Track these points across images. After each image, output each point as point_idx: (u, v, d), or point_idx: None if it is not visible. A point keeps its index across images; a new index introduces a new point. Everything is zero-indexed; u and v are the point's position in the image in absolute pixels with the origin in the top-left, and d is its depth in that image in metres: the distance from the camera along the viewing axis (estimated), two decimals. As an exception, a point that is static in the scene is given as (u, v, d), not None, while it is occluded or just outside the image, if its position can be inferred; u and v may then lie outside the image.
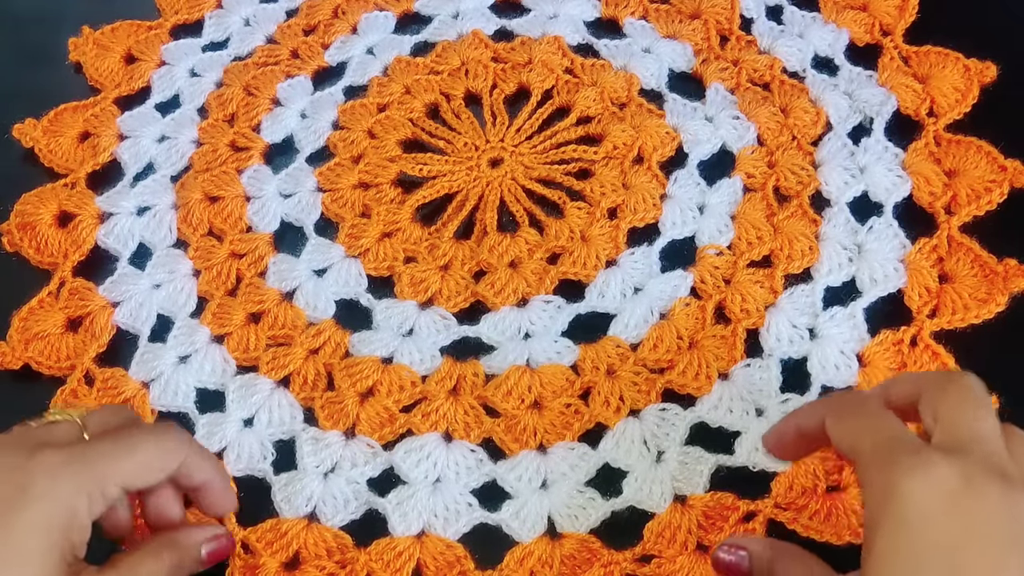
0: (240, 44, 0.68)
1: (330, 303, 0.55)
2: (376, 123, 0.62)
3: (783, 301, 0.52)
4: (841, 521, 0.44)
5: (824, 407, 0.39)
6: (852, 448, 0.36)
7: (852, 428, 0.37)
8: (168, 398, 0.51)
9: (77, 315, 0.55)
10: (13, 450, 0.38)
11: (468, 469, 0.49)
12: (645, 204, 0.57)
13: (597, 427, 0.49)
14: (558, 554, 0.46)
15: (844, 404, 0.39)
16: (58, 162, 0.62)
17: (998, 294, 0.51)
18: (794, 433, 0.41)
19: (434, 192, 0.59)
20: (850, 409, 0.38)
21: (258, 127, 0.63)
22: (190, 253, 0.57)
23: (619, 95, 0.62)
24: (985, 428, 0.35)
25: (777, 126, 0.59)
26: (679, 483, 0.47)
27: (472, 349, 0.53)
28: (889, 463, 0.34)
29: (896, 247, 0.53)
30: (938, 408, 0.36)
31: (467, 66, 0.65)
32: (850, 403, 0.39)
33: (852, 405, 0.39)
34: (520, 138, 0.61)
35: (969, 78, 0.59)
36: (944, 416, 0.36)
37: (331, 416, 0.50)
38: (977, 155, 0.56)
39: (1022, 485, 0.34)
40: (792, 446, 0.41)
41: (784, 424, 0.41)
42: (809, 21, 0.65)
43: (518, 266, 0.55)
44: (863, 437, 0.36)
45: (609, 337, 0.52)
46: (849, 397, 0.40)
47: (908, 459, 0.34)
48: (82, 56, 0.67)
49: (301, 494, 0.48)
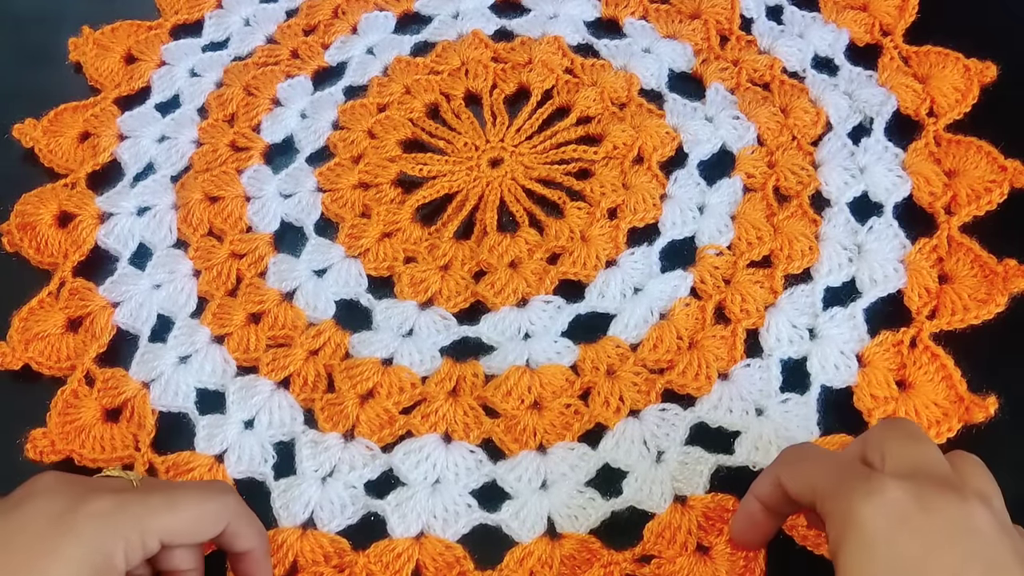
0: (240, 44, 0.68)
1: (330, 303, 0.55)
2: (376, 123, 0.62)
3: (783, 301, 0.52)
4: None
5: (774, 467, 0.41)
6: (810, 489, 0.38)
7: (805, 471, 0.39)
8: (168, 398, 0.51)
9: (77, 315, 0.55)
10: (68, 492, 0.39)
11: (468, 470, 0.49)
12: (645, 204, 0.57)
13: (597, 427, 0.49)
14: (558, 554, 0.46)
15: (792, 455, 0.41)
16: (58, 162, 0.62)
17: (998, 294, 0.51)
18: (759, 508, 0.41)
19: (434, 192, 0.59)
20: (799, 456, 0.40)
21: (258, 127, 0.63)
22: (190, 253, 0.57)
23: (619, 95, 0.62)
24: (931, 453, 0.37)
25: (777, 126, 0.59)
26: (679, 483, 0.47)
27: (472, 349, 0.53)
28: (845, 492, 0.36)
29: (896, 247, 0.53)
30: (884, 445, 0.38)
31: (467, 66, 0.65)
32: (797, 452, 0.41)
33: (800, 453, 0.41)
34: (520, 138, 0.61)
35: (969, 78, 0.59)
36: (891, 450, 0.37)
37: (331, 418, 0.50)
38: (977, 155, 0.56)
39: (974, 497, 0.35)
40: (762, 524, 0.42)
41: (745, 505, 0.42)
42: (809, 21, 0.65)
43: (518, 266, 0.55)
44: (816, 475, 0.38)
45: (609, 337, 0.52)
46: (795, 448, 0.41)
47: (862, 486, 0.35)
48: (82, 56, 0.67)
49: (299, 500, 0.48)
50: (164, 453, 0.50)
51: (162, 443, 0.50)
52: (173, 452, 0.50)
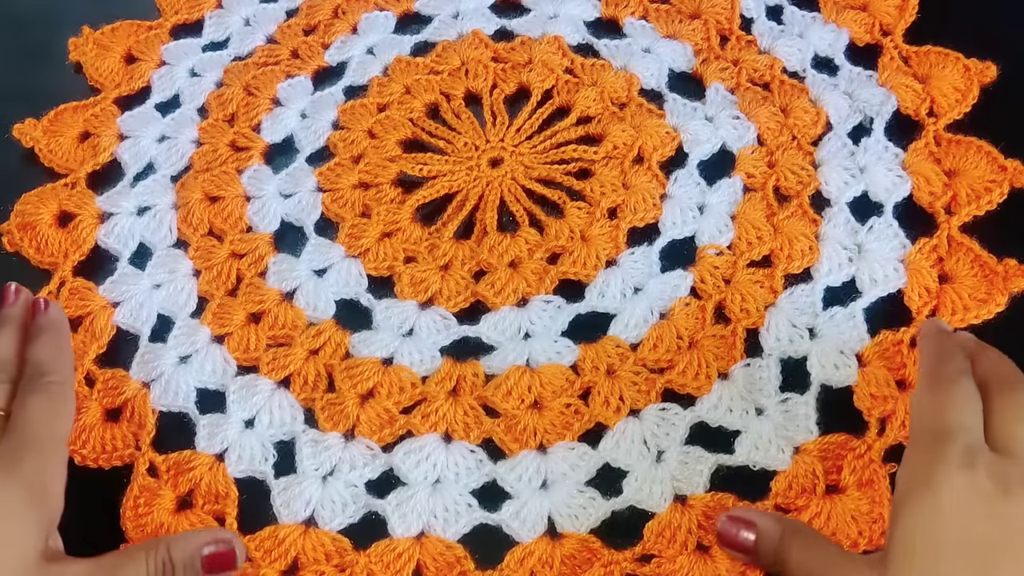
0: (240, 44, 0.68)
1: (330, 303, 0.55)
2: (376, 123, 0.62)
3: (783, 301, 0.52)
4: (840, 529, 0.44)
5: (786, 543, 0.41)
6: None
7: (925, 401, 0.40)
8: (168, 398, 0.52)
9: (77, 315, 0.55)
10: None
11: (468, 470, 0.49)
12: (645, 204, 0.57)
13: (597, 427, 0.49)
14: (558, 554, 0.46)
15: (930, 373, 0.41)
16: (58, 162, 0.61)
17: (998, 294, 0.51)
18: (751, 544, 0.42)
19: (434, 192, 0.59)
20: (939, 382, 0.39)
21: (258, 127, 0.63)
22: (190, 253, 0.57)
23: (619, 95, 0.62)
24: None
25: (777, 126, 0.59)
26: (679, 483, 0.47)
27: (472, 349, 0.53)
28: (939, 450, 0.36)
29: (896, 247, 0.53)
30: (994, 411, 0.37)
31: (467, 66, 0.65)
32: (936, 376, 0.40)
33: (940, 378, 0.40)
34: (520, 138, 0.61)
35: (969, 78, 0.59)
36: (998, 425, 0.37)
37: (331, 418, 0.50)
38: (977, 155, 0.56)
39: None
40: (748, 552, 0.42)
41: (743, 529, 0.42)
42: (809, 21, 0.65)
43: (518, 266, 0.55)
44: (928, 418, 0.38)
45: (609, 337, 0.52)
46: (934, 370, 0.41)
47: (958, 456, 0.36)
48: (82, 56, 0.67)
49: (300, 498, 0.48)
50: (165, 452, 0.50)
51: (163, 443, 0.50)
52: (174, 451, 0.50)
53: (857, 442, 0.47)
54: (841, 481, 0.46)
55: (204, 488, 0.48)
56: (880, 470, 0.45)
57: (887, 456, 0.46)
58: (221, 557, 0.43)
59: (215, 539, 0.43)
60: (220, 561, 0.42)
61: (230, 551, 0.43)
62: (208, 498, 0.48)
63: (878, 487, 0.45)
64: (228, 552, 0.43)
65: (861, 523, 0.44)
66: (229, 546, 0.43)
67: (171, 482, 0.49)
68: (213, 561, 0.42)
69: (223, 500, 0.48)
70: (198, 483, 0.49)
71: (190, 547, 0.42)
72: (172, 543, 0.42)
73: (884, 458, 0.46)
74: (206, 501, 0.48)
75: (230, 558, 0.43)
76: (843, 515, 0.45)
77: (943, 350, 0.42)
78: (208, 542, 0.42)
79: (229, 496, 0.48)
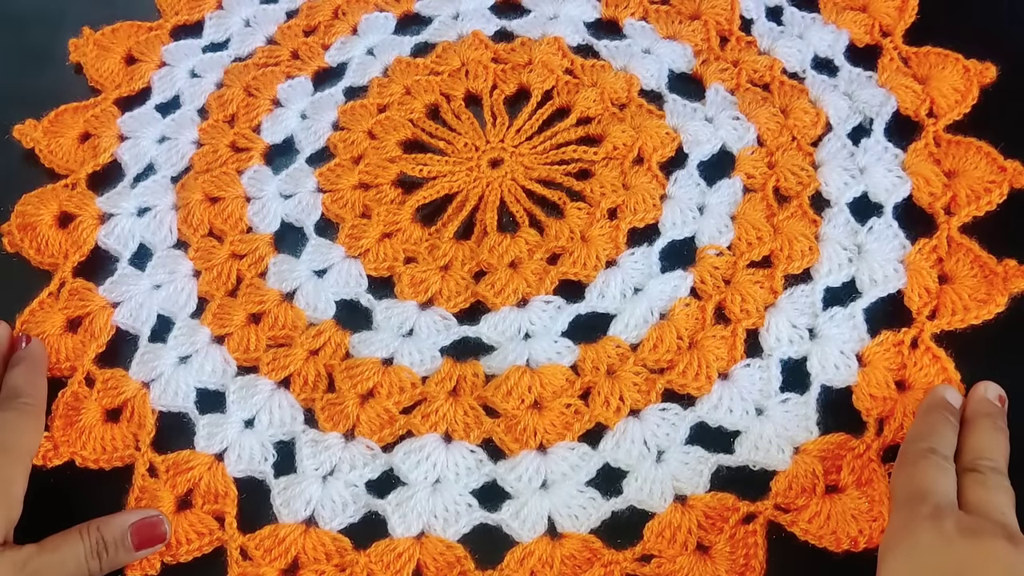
0: (240, 45, 0.68)
1: (330, 303, 0.55)
2: (376, 124, 0.62)
3: (783, 301, 0.52)
4: (840, 527, 0.44)
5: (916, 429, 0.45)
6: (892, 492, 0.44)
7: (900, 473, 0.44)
8: (168, 398, 0.52)
9: (77, 315, 0.55)
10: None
11: (468, 470, 0.49)
12: (645, 204, 0.57)
13: (597, 427, 0.49)
14: (558, 554, 0.46)
15: (906, 449, 0.45)
16: (58, 163, 0.62)
17: (998, 295, 0.51)
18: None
19: (434, 192, 0.59)
20: (911, 457, 0.44)
21: (258, 128, 0.63)
22: (190, 254, 0.57)
23: (619, 96, 0.62)
24: (1007, 510, 0.41)
25: (777, 127, 0.59)
26: (679, 483, 0.47)
27: (472, 349, 0.53)
28: (914, 509, 0.41)
29: (896, 248, 0.53)
30: (967, 485, 0.42)
31: (467, 67, 0.65)
32: (910, 451, 0.44)
33: (912, 454, 0.44)
34: (520, 139, 0.61)
35: (969, 79, 0.59)
36: (970, 495, 0.41)
37: (331, 418, 0.50)
38: (977, 156, 0.56)
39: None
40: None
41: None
42: (809, 22, 0.65)
43: (518, 266, 0.55)
44: (904, 486, 0.43)
45: (609, 337, 0.52)
46: (910, 445, 0.45)
47: (929, 511, 0.40)
48: (82, 57, 0.67)
49: (300, 498, 0.48)
50: (164, 452, 0.50)
51: (162, 442, 0.50)
52: (173, 451, 0.50)
53: (856, 442, 0.47)
54: (840, 481, 0.46)
55: (203, 488, 0.48)
56: (879, 470, 0.45)
57: (886, 456, 0.46)
58: (148, 531, 0.46)
59: (142, 516, 0.46)
60: (147, 535, 0.46)
61: (156, 522, 0.46)
62: (207, 498, 0.48)
63: (877, 486, 0.45)
64: (154, 525, 0.46)
65: (861, 522, 0.44)
66: (156, 520, 0.46)
67: (170, 482, 0.49)
68: (140, 536, 0.45)
69: (222, 499, 0.48)
70: (197, 483, 0.49)
71: (120, 525, 0.45)
72: (102, 523, 0.45)
73: (883, 458, 0.46)
74: (205, 501, 0.48)
75: (157, 532, 0.46)
76: (843, 514, 0.45)
77: (924, 425, 0.45)
78: (135, 520, 0.46)
79: (228, 495, 0.48)
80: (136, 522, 0.45)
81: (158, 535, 0.46)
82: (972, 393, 0.47)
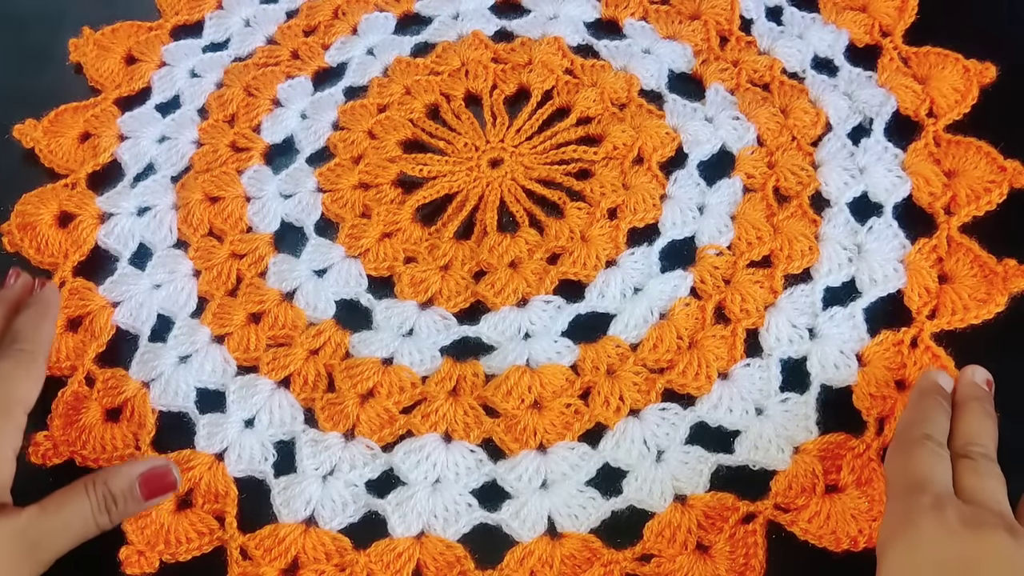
0: (240, 45, 0.68)
1: (330, 303, 0.55)
2: (376, 123, 0.62)
3: (783, 301, 0.52)
4: (840, 527, 0.44)
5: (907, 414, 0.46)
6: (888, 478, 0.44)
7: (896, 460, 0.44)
8: (168, 398, 0.52)
9: (77, 315, 0.55)
10: None
11: (468, 469, 0.49)
12: (645, 204, 0.57)
13: (597, 427, 0.49)
14: (558, 554, 0.46)
15: (901, 435, 0.45)
16: (58, 162, 0.62)
17: (998, 294, 0.51)
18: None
19: (434, 192, 0.59)
20: (906, 444, 0.43)
21: (258, 127, 0.63)
22: (190, 253, 0.57)
23: (619, 96, 0.62)
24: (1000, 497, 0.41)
25: (777, 127, 0.59)
26: (679, 483, 0.47)
27: (472, 349, 0.53)
28: (913, 499, 0.40)
29: (896, 247, 0.53)
30: (962, 471, 0.42)
31: (467, 67, 0.65)
32: (905, 438, 0.44)
33: (908, 440, 0.43)
34: (520, 139, 0.61)
35: (969, 79, 0.59)
36: (965, 483, 0.41)
37: (331, 417, 0.50)
38: (977, 155, 0.56)
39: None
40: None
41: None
42: (809, 22, 0.65)
43: (518, 266, 0.55)
44: (901, 474, 0.42)
45: (609, 337, 0.52)
46: (905, 432, 0.44)
47: (929, 502, 0.40)
48: (82, 57, 0.67)
49: (300, 497, 0.48)
50: (164, 452, 0.50)
51: (162, 442, 0.50)
52: (173, 451, 0.50)
53: (856, 442, 0.47)
54: (840, 480, 0.46)
55: (203, 487, 0.48)
56: (879, 469, 0.45)
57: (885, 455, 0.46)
58: (157, 480, 0.44)
59: (150, 467, 0.45)
60: (156, 484, 0.44)
61: (164, 471, 0.45)
62: (208, 497, 0.48)
63: (877, 486, 0.45)
64: (163, 474, 0.44)
65: (860, 521, 0.44)
66: (164, 469, 0.45)
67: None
68: (150, 485, 0.44)
69: (222, 499, 0.48)
70: (197, 482, 0.49)
71: (128, 476, 0.44)
72: (108, 476, 0.43)
73: (882, 457, 0.46)
74: (205, 500, 0.48)
75: (167, 481, 0.44)
76: (842, 514, 0.45)
77: (918, 411, 0.45)
78: (143, 470, 0.44)
79: (228, 495, 0.48)
80: (144, 472, 0.44)
81: (168, 483, 0.44)
82: (961, 377, 0.47)
